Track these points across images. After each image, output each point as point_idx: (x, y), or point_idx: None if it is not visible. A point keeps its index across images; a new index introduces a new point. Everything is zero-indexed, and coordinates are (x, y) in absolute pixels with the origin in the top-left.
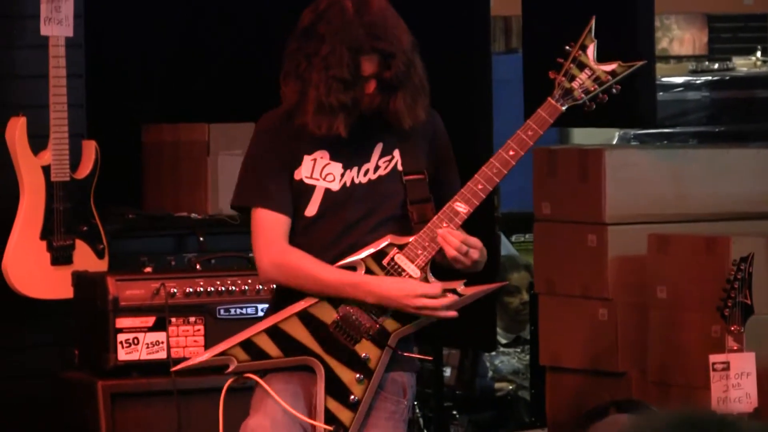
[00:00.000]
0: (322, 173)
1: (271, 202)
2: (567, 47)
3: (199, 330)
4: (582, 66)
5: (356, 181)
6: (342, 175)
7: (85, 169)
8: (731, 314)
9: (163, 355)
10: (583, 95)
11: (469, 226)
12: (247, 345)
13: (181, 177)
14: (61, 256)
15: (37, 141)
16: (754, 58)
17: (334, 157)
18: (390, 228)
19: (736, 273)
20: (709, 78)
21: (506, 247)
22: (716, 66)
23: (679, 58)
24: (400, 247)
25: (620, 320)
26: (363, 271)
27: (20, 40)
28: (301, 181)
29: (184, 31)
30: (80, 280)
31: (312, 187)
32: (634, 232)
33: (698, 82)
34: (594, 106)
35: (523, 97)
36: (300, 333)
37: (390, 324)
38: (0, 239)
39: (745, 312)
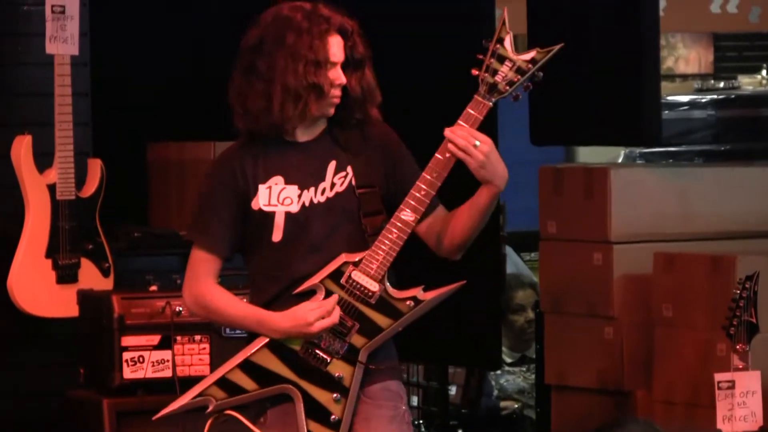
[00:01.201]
0: (279, 198)
1: (205, 239)
2: (483, 42)
3: (204, 348)
4: (502, 59)
5: (315, 200)
6: (299, 197)
7: (90, 188)
8: (737, 333)
9: (168, 373)
10: (507, 87)
11: (475, 245)
12: (223, 383)
13: (186, 195)
14: (66, 275)
15: (43, 159)
16: (759, 77)
17: (289, 181)
18: (355, 242)
19: (742, 291)
20: (715, 97)
21: (515, 264)
22: (722, 85)
23: (685, 77)
24: (356, 264)
25: (626, 339)
26: (323, 295)
27: (25, 58)
28: (260, 210)
29: (190, 49)
30: (85, 298)
31: (272, 214)
32: (640, 250)
33: (704, 100)
34: (521, 96)
35: (528, 115)
36: (272, 363)
37: (357, 340)
38: (5, 258)
39: (750, 331)
